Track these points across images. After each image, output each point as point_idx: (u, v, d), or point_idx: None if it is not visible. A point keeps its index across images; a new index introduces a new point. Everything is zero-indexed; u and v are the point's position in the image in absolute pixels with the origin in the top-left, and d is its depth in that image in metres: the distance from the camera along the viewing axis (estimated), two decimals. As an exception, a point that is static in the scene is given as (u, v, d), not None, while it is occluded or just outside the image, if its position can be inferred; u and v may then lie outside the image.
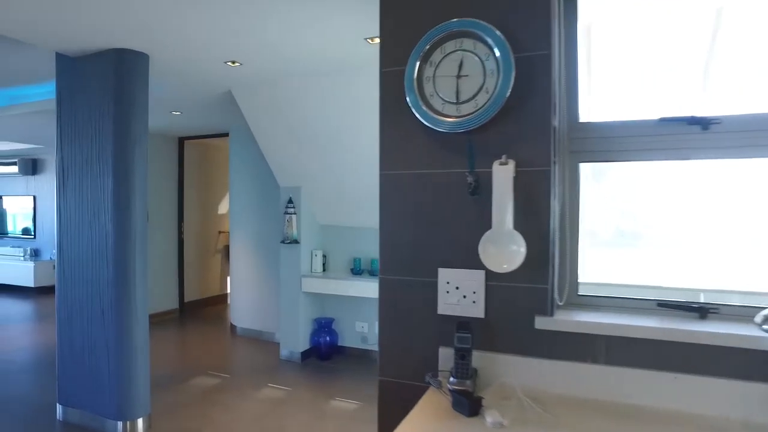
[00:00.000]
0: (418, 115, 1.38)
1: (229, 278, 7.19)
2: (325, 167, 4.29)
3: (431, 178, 1.41)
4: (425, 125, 1.37)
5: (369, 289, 4.36)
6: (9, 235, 9.14)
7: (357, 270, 4.56)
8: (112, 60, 3.07)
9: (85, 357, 3.23)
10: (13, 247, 8.83)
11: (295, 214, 4.52)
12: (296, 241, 4.53)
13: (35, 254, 8.60)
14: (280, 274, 4.69)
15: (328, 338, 4.69)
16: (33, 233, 8.73)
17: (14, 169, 8.68)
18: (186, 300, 6.71)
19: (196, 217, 6.90)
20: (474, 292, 1.35)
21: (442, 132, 1.36)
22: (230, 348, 5.23)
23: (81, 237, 3.21)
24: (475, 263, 1.31)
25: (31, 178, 8.77)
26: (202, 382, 4.12)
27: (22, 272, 8.15)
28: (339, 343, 4.78)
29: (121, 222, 3.08)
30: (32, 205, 8.71)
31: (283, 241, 4.56)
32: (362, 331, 4.73)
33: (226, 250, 7.30)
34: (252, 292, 5.48)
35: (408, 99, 1.38)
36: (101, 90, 3.12)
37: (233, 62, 3.35)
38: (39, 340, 5.26)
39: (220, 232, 7.28)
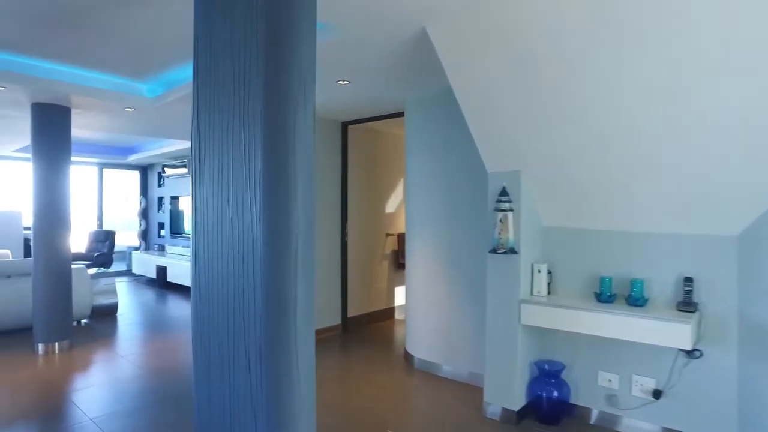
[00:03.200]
0: None
1: (401, 290, 6.07)
2: (561, 143, 2.79)
3: None
4: None
5: (625, 325, 2.76)
6: (183, 234, 9.32)
7: (605, 296, 2.98)
8: (261, -34, 1.94)
9: (225, 419, 2.17)
10: (184, 246, 8.87)
11: (511, 210, 3.08)
12: (514, 251, 3.09)
13: (202, 255, 8.45)
14: (487, 296, 3.28)
15: (555, 393, 3.17)
16: (200, 234, 8.65)
17: (184, 170, 8.76)
18: (349, 315, 5.69)
19: (360, 217, 5.84)
20: None
21: None
22: (411, 391, 3.97)
23: (220, 244, 2.13)
24: None
25: (198, 178, 8.73)
26: (383, 450, 2.89)
27: (189, 272, 7.96)
28: (570, 400, 3.25)
29: (275, 222, 1.92)
30: (199, 205, 8.63)
31: (494, 250, 3.15)
32: (609, 386, 3.13)
33: (394, 255, 6.17)
34: (438, 315, 4.18)
35: None
36: (247, 22, 2.02)
37: (443, -42, 2.04)
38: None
39: (387, 235, 6.15)
